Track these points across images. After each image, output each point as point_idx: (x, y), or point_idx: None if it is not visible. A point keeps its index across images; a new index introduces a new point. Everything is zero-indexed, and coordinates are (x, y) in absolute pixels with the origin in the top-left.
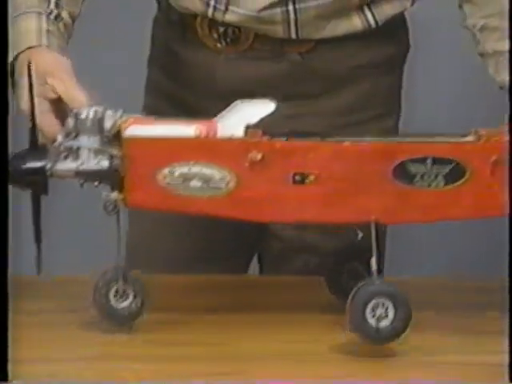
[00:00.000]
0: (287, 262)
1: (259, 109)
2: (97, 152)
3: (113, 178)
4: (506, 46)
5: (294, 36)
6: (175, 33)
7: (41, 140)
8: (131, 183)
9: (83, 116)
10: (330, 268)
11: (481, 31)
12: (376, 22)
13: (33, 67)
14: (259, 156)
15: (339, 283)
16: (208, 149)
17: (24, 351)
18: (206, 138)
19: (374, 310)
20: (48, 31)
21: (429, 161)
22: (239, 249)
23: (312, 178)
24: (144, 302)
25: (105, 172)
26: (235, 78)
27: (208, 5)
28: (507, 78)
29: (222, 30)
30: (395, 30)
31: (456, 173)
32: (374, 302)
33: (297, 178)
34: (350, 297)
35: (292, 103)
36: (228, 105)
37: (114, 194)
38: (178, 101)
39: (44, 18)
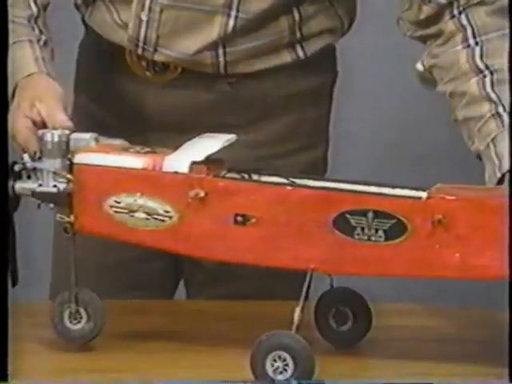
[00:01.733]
0: (211, 289)
1: (208, 145)
2: (55, 175)
3: (66, 201)
4: (477, 111)
5: (222, 72)
6: (103, 60)
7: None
8: (79, 209)
9: (47, 138)
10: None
11: (451, 97)
12: (305, 54)
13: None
14: (202, 193)
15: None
16: (152, 182)
17: None
18: (152, 171)
19: (274, 362)
20: (42, 58)
21: (370, 214)
22: (166, 277)
23: (253, 220)
24: (98, 325)
25: (59, 195)
26: (164, 106)
27: (137, 46)
28: (481, 147)
29: (151, 59)
30: (323, 58)
31: (397, 229)
32: (273, 354)
33: (238, 218)
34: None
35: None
36: (158, 135)
37: (68, 218)
38: (105, 126)
39: (36, 45)
